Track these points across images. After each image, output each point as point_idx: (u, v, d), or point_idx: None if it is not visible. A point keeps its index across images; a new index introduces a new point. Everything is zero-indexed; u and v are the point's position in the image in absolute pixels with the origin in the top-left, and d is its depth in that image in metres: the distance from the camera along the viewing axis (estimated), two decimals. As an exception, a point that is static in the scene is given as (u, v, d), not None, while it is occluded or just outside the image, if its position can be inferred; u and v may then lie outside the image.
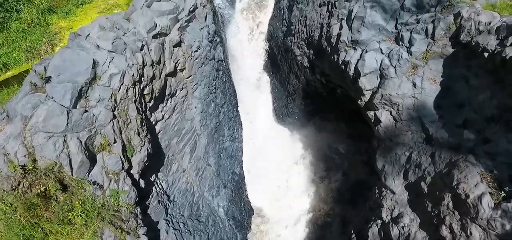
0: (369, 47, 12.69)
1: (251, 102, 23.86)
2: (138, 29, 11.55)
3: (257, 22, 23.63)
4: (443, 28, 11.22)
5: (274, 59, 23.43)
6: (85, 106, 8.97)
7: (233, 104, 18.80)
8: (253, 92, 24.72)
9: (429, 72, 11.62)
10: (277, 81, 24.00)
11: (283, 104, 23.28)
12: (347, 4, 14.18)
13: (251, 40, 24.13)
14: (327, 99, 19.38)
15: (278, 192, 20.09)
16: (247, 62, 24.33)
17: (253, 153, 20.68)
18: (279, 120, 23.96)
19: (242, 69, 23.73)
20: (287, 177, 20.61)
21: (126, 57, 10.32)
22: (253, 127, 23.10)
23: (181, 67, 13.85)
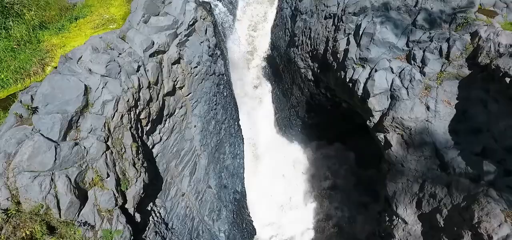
0: (379, 65, 12.00)
1: (252, 113, 23.19)
2: (134, 49, 10.86)
3: (258, 31, 22.93)
4: (459, 48, 10.54)
5: (276, 68, 22.73)
6: (76, 138, 8.28)
7: (235, 118, 18.12)
8: (255, 103, 24.04)
9: (444, 94, 10.93)
10: (279, 91, 23.30)
11: (285, 116, 22.59)
12: (354, 18, 13.49)
13: (253, 49, 23.44)
14: (332, 112, 18.69)
15: (280, 209, 19.40)
16: (249, 72, 23.66)
17: (254, 167, 19.99)
18: (282, 132, 23.26)
19: (244, 79, 23.05)
20: (290, 193, 19.92)
21: (120, 80, 9.63)
22: (254, 139, 22.42)
23: (180, 85, 13.18)
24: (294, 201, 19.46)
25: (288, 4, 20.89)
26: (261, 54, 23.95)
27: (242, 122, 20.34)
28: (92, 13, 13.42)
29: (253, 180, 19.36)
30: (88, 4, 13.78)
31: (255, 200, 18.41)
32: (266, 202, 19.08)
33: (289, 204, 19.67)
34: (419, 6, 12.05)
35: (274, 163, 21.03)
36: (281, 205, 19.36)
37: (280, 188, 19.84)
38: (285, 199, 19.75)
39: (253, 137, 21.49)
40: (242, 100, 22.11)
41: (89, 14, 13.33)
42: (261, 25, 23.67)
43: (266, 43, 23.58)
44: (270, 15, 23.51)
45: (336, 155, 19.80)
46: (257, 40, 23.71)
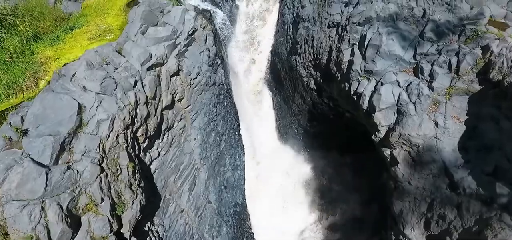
0: (385, 78, 11.58)
1: (253, 120, 22.78)
2: (130, 62, 10.46)
3: (259, 38, 22.50)
4: (469, 63, 10.12)
5: (277, 75, 22.30)
6: (68, 161, 7.87)
7: (235, 128, 17.70)
8: (255, 109, 23.62)
9: (453, 109, 10.52)
10: (280, 98, 22.87)
11: (287, 124, 22.16)
12: (359, 29, 13.07)
13: (254, 55, 23.02)
14: (335, 122, 18.26)
15: (282, 221, 18.98)
16: (249, 78, 23.25)
17: (255, 176, 19.58)
18: (283, 139, 22.83)
19: (244, 86, 22.65)
20: (291, 204, 19.50)
21: (116, 98, 9.22)
22: (255, 147, 22.01)
23: (179, 97, 12.77)
24: (295, 212, 19.04)
25: (289, 10, 20.49)
26: (262, 60, 23.56)
27: (243, 131, 19.96)
28: (88, 23, 12.99)
29: (253, 190, 18.95)
30: (85, 13, 13.37)
31: (254, 214, 18.00)
32: (266, 216, 18.66)
33: (289, 215, 19.25)
34: (427, 17, 11.64)
35: (274, 172, 20.61)
36: (282, 216, 18.93)
37: (280, 200, 19.43)
38: (286, 209, 19.34)
39: (253, 146, 21.09)
40: (243, 107, 21.72)
41: (85, 24, 12.91)
42: (262, 30, 23.27)
43: (267, 49, 23.19)
44: (271, 20, 23.14)
45: (339, 164, 19.37)
46: (258, 46, 23.32)
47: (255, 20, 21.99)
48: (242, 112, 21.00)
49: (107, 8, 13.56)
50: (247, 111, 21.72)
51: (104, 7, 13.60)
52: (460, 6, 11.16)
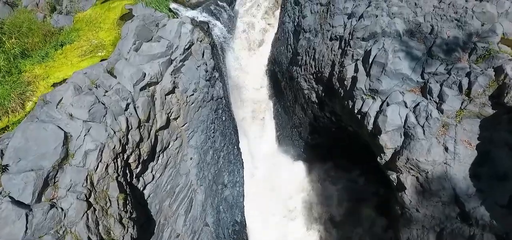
0: (391, 98, 10.99)
1: (252, 131, 22.21)
2: (122, 84, 9.89)
3: (259, 46, 21.94)
4: (481, 85, 9.52)
5: (277, 83, 21.72)
6: (52, 197, 7.30)
7: (234, 143, 17.14)
8: (255, 119, 23.04)
9: (463, 133, 9.93)
10: (280, 108, 22.30)
11: (287, 135, 21.58)
12: (363, 44, 12.47)
13: (254, 63, 22.44)
14: (338, 134, 17.67)
15: (282, 236, 18.41)
16: (249, 87, 22.66)
17: (255, 191, 18.99)
18: (283, 150, 22.25)
19: (243, 94, 22.09)
20: (292, 218, 18.93)
21: (106, 125, 8.64)
22: (255, 159, 21.44)
23: (174, 116, 12.21)
24: (295, 229, 18.47)
25: (290, 18, 19.92)
26: (263, 68, 23.01)
27: (242, 142, 19.40)
28: (80, 38, 12.42)
29: (252, 206, 18.37)
30: (76, 27, 12.80)
31: (254, 230, 17.42)
32: (266, 232, 18.09)
33: (290, 231, 18.68)
34: (435, 34, 11.05)
35: (275, 185, 20.03)
36: (282, 232, 18.36)
37: (281, 214, 18.85)
38: (286, 226, 18.77)
39: (253, 157, 20.51)
40: (242, 117, 21.18)
41: (77, 39, 12.33)
42: (262, 37, 22.71)
43: (267, 57, 22.64)
44: (271, 28, 22.59)
45: (342, 178, 18.80)
46: (259, 53, 22.76)
47: (256, 28, 21.43)
48: (242, 123, 20.47)
49: (100, 22, 12.98)
50: (247, 121, 21.17)
51: (97, 20, 13.03)
52: (470, 22, 10.57)
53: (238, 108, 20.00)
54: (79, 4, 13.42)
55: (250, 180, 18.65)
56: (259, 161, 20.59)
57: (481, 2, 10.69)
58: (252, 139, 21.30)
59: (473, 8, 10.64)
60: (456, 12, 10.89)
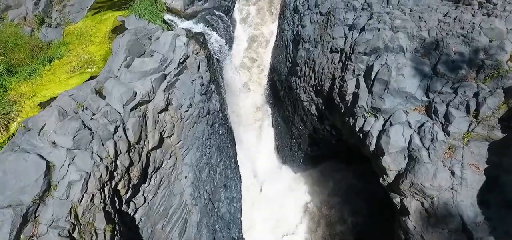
0: (394, 118, 10.49)
1: (251, 141, 21.71)
2: (111, 105, 9.38)
3: (258, 52, 21.42)
4: (490, 107, 9.01)
5: (276, 92, 21.22)
6: (32, 234, 6.79)
7: (231, 156, 16.63)
8: (254, 128, 22.53)
9: (471, 156, 9.41)
10: (279, 117, 21.79)
11: (286, 145, 21.07)
12: (365, 58, 11.97)
13: (252, 72, 21.93)
14: (338, 147, 17.17)
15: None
16: (247, 96, 22.15)
17: (253, 205, 18.50)
18: (282, 161, 21.75)
19: (241, 103, 21.59)
20: (292, 233, 18.42)
21: (92, 152, 8.12)
22: (253, 171, 20.95)
23: (168, 134, 11.69)
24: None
25: (289, 26, 19.44)
26: (262, 77, 22.51)
27: (240, 153, 18.92)
28: (70, 52, 11.91)
29: (251, 220, 17.88)
30: (66, 41, 12.29)
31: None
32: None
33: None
34: (440, 50, 10.54)
35: (274, 198, 19.52)
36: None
37: (280, 229, 18.34)
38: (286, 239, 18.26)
39: (252, 170, 20.02)
40: (240, 129, 20.68)
41: (66, 53, 11.82)
42: (261, 45, 22.18)
43: (266, 65, 22.14)
44: (270, 38, 22.07)
45: (343, 191, 18.28)
46: (257, 62, 22.25)
47: (254, 38, 20.91)
48: (240, 134, 19.97)
49: (91, 35, 12.47)
50: (245, 133, 20.66)
51: (88, 33, 12.53)
52: (477, 38, 10.05)
53: (235, 118, 19.50)
54: (69, 16, 12.91)
55: (248, 193, 18.14)
56: (258, 172, 20.08)
57: (489, 17, 10.19)
58: (251, 150, 20.80)
59: (481, 24, 10.13)
60: (463, 27, 10.38)
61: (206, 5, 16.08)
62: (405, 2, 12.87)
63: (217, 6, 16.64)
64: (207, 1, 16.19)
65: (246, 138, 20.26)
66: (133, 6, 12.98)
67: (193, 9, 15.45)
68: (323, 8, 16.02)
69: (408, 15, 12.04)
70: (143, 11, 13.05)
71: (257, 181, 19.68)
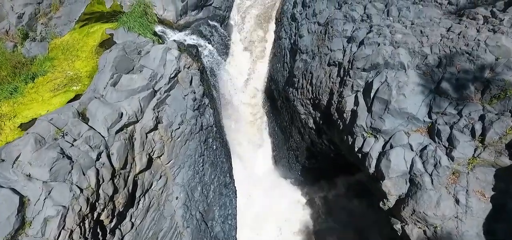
0: (395, 139, 9.95)
1: (247, 149, 21.12)
2: (95, 128, 8.85)
3: (256, 61, 20.85)
4: (497, 132, 8.48)
5: (274, 101, 20.66)
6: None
7: (226, 170, 16.07)
8: (250, 137, 21.94)
9: (476, 182, 8.89)
10: (277, 126, 21.21)
11: (283, 156, 20.50)
12: (364, 74, 11.44)
13: (248, 81, 21.36)
14: (337, 160, 16.61)
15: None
16: (242, 103, 21.53)
17: (249, 221, 17.94)
18: (279, 172, 21.19)
19: (237, 112, 20.99)
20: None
21: (71, 184, 7.58)
22: (249, 184, 20.35)
23: (157, 154, 11.14)
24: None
25: (287, 34, 18.90)
26: (258, 85, 21.91)
27: (236, 166, 18.36)
28: (54, 68, 11.37)
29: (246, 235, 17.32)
30: (51, 56, 11.75)
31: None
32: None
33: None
34: (443, 67, 10.01)
35: (270, 213, 18.96)
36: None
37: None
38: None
39: (248, 183, 19.44)
40: (236, 138, 20.11)
41: (51, 70, 11.28)
42: (258, 54, 21.61)
43: (263, 73, 21.55)
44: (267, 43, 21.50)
45: (344, 207, 17.71)
46: (254, 70, 21.67)
47: (250, 46, 20.36)
48: (236, 146, 19.42)
49: (77, 49, 11.93)
50: (241, 145, 20.10)
51: (74, 48, 11.99)
52: (483, 56, 9.52)
53: (232, 129, 18.94)
54: (55, 29, 12.36)
55: (244, 209, 17.60)
56: (254, 186, 19.51)
57: (495, 34, 9.65)
58: (247, 161, 20.24)
59: (486, 41, 9.60)
60: (467, 44, 9.84)
61: (199, 15, 15.54)
62: (406, 14, 12.33)
63: (211, 15, 16.10)
64: (201, 11, 15.66)
65: (242, 150, 19.68)
66: (122, 18, 12.43)
67: (186, 20, 14.92)
68: (321, 17, 15.49)
69: (409, 28, 11.50)
70: (132, 23, 12.50)
71: (253, 195, 19.09)
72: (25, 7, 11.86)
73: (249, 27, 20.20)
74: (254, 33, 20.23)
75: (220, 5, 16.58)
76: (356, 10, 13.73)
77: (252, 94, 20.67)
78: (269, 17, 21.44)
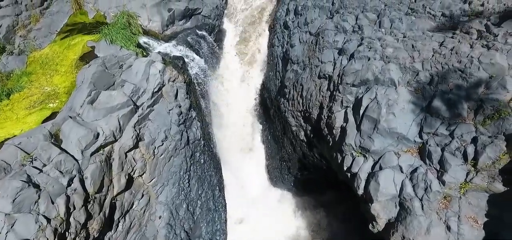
0: (384, 161, 9.52)
1: (239, 159, 20.68)
2: (68, 151, 8.42)
3: (248, 71, 20.44)
4: (490, 156, 8.05)
5: (266, 110, 20.23)
6: None
7: (215, 184, 15.64)
8: (243, 146, 21.49)
9: (468, 207, 8.44)
10: (270, 136, 20.79)
11: (276, 166, 20.07)
12: (353, 90, 11.02)
13: (239, 89, 20.91)
14: (329, 173, 16.18)
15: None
16: (234, 111, 21.07)
17: (239, 235, 17.50)
18: (272, 182, 20.75)
19: (228, 121, 20.53)
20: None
21: (37, 213, 7.15)
22: (241, 190, 19.92)
23: (139, 173, 10.70)
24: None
25: (279, 42, 18.49)
26: (251, 93, 21.46)
27: (226, 177, 17.95)
28: (32, 84, 10.95)
29: None
30: (28, 71, 11.33)
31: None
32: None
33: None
34: (435, 85, 9.58)
35: (262, 227, 18.51)
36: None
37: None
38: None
39: (239, 195, 19.01)
40: (227, 149, 19.66)
41: (28, 85, 10.86)
42: (250, 62, 21.18)
43: (255, 81, 21.11)
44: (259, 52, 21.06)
45: (340, 222, 17.27)
46: (246, 79, 21.23)
47: (242, 54, 19.93)
48: (226, 156, 18.98)
49: (57, 63, 11.51)
50: (233, 155, 19.66)
51: (53, 61, 11.56)
52: (476, 74, 9.09)
53: (221, 140, 18.50)
54: (35, 41, 11.94)
55: (233, 222, 17.18)
56: (245, 197, 19.08)
57: (489, 50, 9.22)
58: (238, 172, 19.80)
59: (480, 58, 9.17)
60: (460, 61, 9.41)
61: (187, 24, 15.10)
62: (398, 26, 11.92)
63: (200, 24, 15.66)
64: (189, 20, 15.22)
65: (234, 161, 19.25)
66: (104, 31, 11.99)
67: (173, 30, 14.48)
68: (312, 27, 15.09)
69: (401, 42, 11.07)
70: (115, 35, 12.07)
71: (244, 207, 18.65)
72: (2, 19, 11.44)
73: (241, 34, 19.77)
74: (246, 41, 19.80)
75: (209, 13, 16.15)
76: (347, 20, 13.32)
77: (245, 102, 20.24)
78: (261, 22, 21.02)
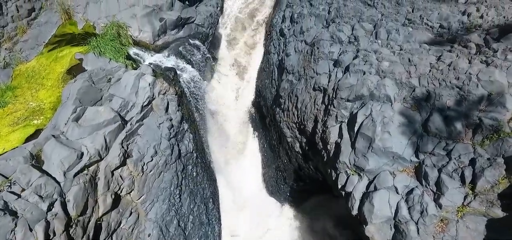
0: (379, 181, 9.18)
1: (235, 168, 20.35)
2: (50, 173, 8.09)
3: (244, 79, 20.12)
4: (489, 180, 7.70)
5: (263, 118, 19.91)
6: None
7: (208, 196, 15.32)
8: (238, 152, 21.17)
9: (466, 231, 8.12)
10: (266, 144, 20.46)
11: (272, 175, 19.74)
12: (348, 105, 10.68)
13: (235, 97, 20.60)
14: (325, 184, 15.85)
15: None
16: (229, 120, 20.77)
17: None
18: (268, 192, 20.42)
19: (223, 130, 20.23)
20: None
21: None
22: (237, 199, 19.60)
23: (126, 191, 10.37)
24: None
25: (275, 49, 18.18)
26: (247, 101, 21.16)
27: (221, 188, 17.66)
28: (16, 99, 10.62)
29: None
30: (14, 85, 11.01)
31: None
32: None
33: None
34: (432, 102, 9.24)
35: (255, 234, 18.20)
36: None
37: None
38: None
39: (234, 204, 18.70)
40: (222, 157, 19.36)
41: (12, 101, 10.53)
42: (246, 68, 20.88)
43: (251, 89, 20.80)
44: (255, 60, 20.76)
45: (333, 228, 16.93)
46: (242, 86, 20.93)
47: (238, 61, 19.61)
48: (222, 166, 18.68)
49: (43, 76, 11.19)
50: (229, 164, 19.34)
51: (40, 74, 11.23)
52: (474, 92, 8.75)
53: (216, 150, 18.18)
54: (21, 53, 11.62)
55: (228, 234, 16.87)
56: (241, 208, 18.76)
57: (488, 66, 8.88)
58: (234, 182, 19.47)
59: (478, 74, 8.83)
60: (458, 77, 9.07)
61: (180, 34, 14.77)
62: (395, 38, 11.58)
63: (193, 33, 15.33)
64: (181, 30, 14.89)
65: (229, 170, 18.93)
66: (92, 42, 11.66)
67: (165, 40, 14.16)
68: (308, 36, 14.77)
69: (397, 55, 10.73)
70: (104, 47, 11.74)
71: (240, 218, 18.33)
72: (-14, 32, 11.15)
73: (236, 41, 19.45)
74: (241, 48, 19.48)
75: (203, 22, 15.81)
76: (343, 30, 12.99)
77: (240, 110, 19.92)
78: (258, 29, 20.70)
